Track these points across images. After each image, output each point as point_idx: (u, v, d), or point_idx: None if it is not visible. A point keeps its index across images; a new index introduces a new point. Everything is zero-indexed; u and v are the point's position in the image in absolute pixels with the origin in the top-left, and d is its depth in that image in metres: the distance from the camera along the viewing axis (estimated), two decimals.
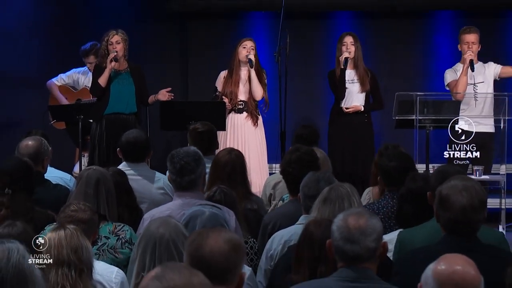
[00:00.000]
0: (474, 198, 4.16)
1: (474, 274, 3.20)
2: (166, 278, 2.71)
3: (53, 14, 11.18)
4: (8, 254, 3.17)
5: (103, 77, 8.87)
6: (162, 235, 3.91)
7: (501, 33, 10.56)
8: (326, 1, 11.14)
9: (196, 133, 7.15)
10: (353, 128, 9.39)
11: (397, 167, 5.76)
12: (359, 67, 9.42)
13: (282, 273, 4.48)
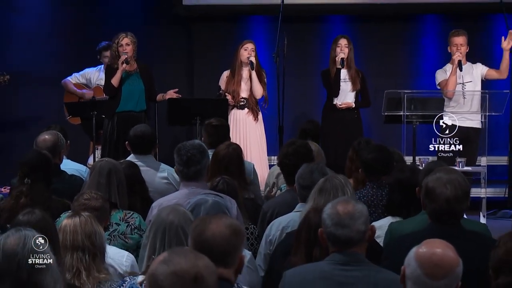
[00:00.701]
0: (458, 189, 4.17)
1: (453, 256, 3.20)
2: (173, 262, 2.71)
3: (69, 18, 11.19)
4: (24, 240, 3.17)
5: (115, 78, 8.87)
6: (172, 222, 3.91)
7: (482, 36, 10.53)
8: (321, 6, 11.12)
9: (211, 127, 7.16)
10: (344, 124, 9.42)
11: (376, 158, 5.77)
12: (351, 68, 9.44)
13: (280, 257, 4.49)
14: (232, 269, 3.29)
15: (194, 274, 2.67)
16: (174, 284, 2.67)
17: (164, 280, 2.68)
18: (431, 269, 3.17)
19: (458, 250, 3.29)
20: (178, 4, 11.13)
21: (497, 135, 9.73)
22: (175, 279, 2.67)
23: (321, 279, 3.71)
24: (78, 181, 6.26)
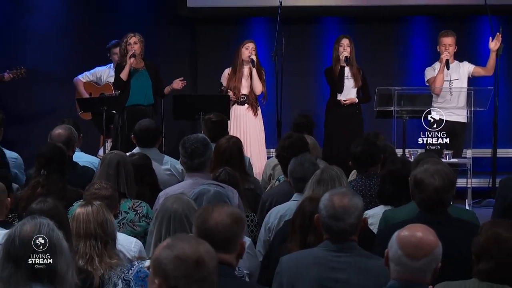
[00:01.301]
0: (444, 180, 4.18)
1: (432, 239, 3.22)
2: (177, 247, 2.72)
3: (80, 18, 11.19)
4: (39, 227, 3.19)
5: (124, 72, 8.92)
6: (176, 210, 3.91)
7: (468, 36, 10.53)
8: (317, 8, 11.10)
9: (210, 122, 7.17)
10: (347, 118, 9.43)
11: (363, 151, 5.77)
12: (353, 66, 9.45)
13: (278, 244, 4.49)
14: (233, 254, 3.30)
15: (196, 258, 2.69)
16: (178, 268, 2.68)
17: (168, 264, 2.70)
18: (411, 250, 3.18)
19: (446, 236, 3.31)
20: (183, 6, 11.11)
21: (482, 129, 9.73)
22: (178, 263, 2.69)
23: (315, 264, 3.72)
24: (90, 172, 6.27)
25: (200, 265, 2.69)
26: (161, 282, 2.72)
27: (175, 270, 2.69)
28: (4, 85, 10.02)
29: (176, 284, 2.69)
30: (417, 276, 3.19)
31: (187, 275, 2.68)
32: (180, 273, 2.69)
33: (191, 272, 2.68)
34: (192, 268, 2.69)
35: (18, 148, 9.98)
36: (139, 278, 3.79)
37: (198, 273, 2.69)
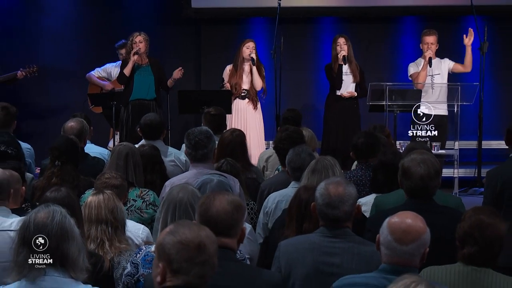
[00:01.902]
0: (430, 168, 4.19)
1: (420, 225, 3.22)
2: (179, 233, 2.74)
3: (91, 18, 11.19)
4: (52, 214, 3.18)
5: (127, 68, 9.00)
6: (181, 199, 3.91)
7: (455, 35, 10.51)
8: (313, 9, 11.11)
9: (209, 115, 7.16)
10: (345, 112, 9.40)
11: (364, 142, 5.76)
12: (352, 62, 9.43)
13: (276, 230, 4.49)
14: (235, 239, 3.31)
15: (198, 243, 2.70)
16: (180, 252, 2.70)
17: (171, 248, 2.71)
18: (400, 235, 3.18)
19: (431, 222, 3.31)
20: (188, 7, 11.11)
21: (468, 122, 9.72)
22: (180, 247, 2.70)
23: (311, 249, 3.73)
24: (100, 162, 6.28)
25: (201, 249, 2.70)
26: (165, 265, 2.73)
27: (177, 254, 2.70)
28: (21, 81, 10.04)
29: (178, 268, 2.70)
30: (406, 260, 3.19)
31: (189, 258, 2.70)
32: (182, 257, 2.70)
33: (192, 256, 2.69)
34: (194, 252, 2.70)
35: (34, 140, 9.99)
36: (147, 261, 3.79)
37: (199, 257, 2.70)
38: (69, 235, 3.18)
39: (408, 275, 2.54)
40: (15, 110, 7.08)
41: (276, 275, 3.49)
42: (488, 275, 3.48)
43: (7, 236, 4.09)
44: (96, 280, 3.45)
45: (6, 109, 6.97)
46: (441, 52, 9.41)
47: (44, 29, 11.13)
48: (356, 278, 3.28)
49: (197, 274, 2.70)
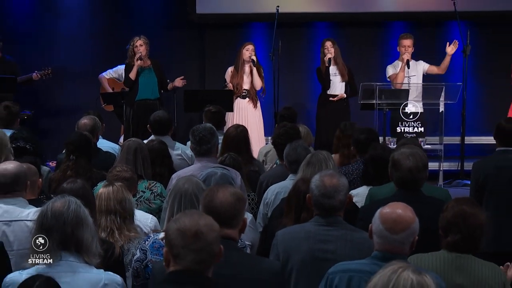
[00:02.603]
0: (418, 161, 4.19)
1: (410, 215, 3.21)
2: (179, 221, 2.75)
3: (103, 23, 11.19)
4: (68, 203, 3.22)
5: (132, 72, 9.04)
6: (187, 190, 3.90)
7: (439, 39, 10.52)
8: (309, 14, 11.10)
9: (210, 113, 7.15)
10: (336, 111, 9.39)
11: (367, 138, 5.73)
12: (339, 63, 9.44)
13: (275, 219, 4.48)
14: (236, 229, 3.29)
15: (195, 231, 2.70)
16: (177, 238, 2.71)
17: (172, 234, 2.73)
18: (391, 225, 3.18)
19: (419, 212, 3.30)
20: (193, 13, 11.11)
21: (452, 119, 9.72)
22: (178, 234, 2.71)
23: (307, 237, 3.73)
24: (111, 156, 6.27)
25: (198, 237, 2.70)
26: (167, 250, 2.75)
27: (176, 240, 2.71)
28: (38, 82, 10.04)
29: (177, 253, 2.71)
30: (396, 248, 3.19)
31: (185, 245, 2.70)
32: (179, 243, 2.71)
33: (189, 242, 2.70)
34: (190, 240, 2.70)
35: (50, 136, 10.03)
36: (154, 248, 3.79)
37: (195, 244, 2.70)
38: (83, 222, 3.21)
39: (396, 261, 2.53)
40: (17, 109, 7.05)
41: (275, 264, 3.48)
42: (470, 261, 3.49)
43: (24, 225, 4.09)
44: (108, 266, 3.45)
45: (8, 108, 6.94)
46: (427, 54, 9.42)
47: (59, 33, 11.12)
48: (350, 265, 3.28)
49: (194, 260, 2.70)
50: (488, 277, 3.45)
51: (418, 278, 2.39)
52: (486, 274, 3.46)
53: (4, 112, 6.88)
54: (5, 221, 4.13)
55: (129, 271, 3.94)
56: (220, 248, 2.77)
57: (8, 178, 4.20)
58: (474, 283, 3.44)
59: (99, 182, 5.18)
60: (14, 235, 4.12)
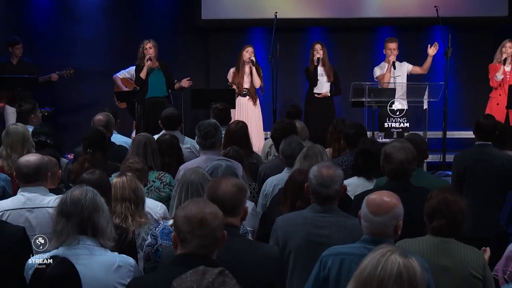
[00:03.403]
0: (408, 154, 4.20)
1: (393, 200, 3.21)
2: (186, 208, 2.76)
3: (117, 27, 11.19)
4: (85, 192, 3.25)
5: (142, 72, 9.08)
6: (193, 180, 3.91)
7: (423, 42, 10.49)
8: (304, 20, 11.11)
9: (217, 110, 7.16)
10: (321, 107, 9.41)
11: (355, 132, 5.73)
12: (326, 65, 9.45)
13: (274, 208, 4.48)
14: (238, 217, 3.28)
15: (200, 218, 2.71)
16: (184, 224, 2.72)
17: (179, 221, 2.74)
18: (373, 208, 3.18)
19: (408, 200, 3.30)
20: (198, 18, 11.13)
21: (434, 115, 9.71)
22: (184, 220, 2.72)
23: (303, 223, 3.73)
24: (124, 150, 6.26)
25: (203, 224, 2.70)
26: (176, 235, 2.76)
27: (183, 226, 2.73)
28: (59, 81, 10.05)
29: (184, 237, 2.72)
30: (380, 230, 3.18)
31: (191, 231, 2.71)
32: (186, 229, 2.72)
33: (194, 228, 2.71)
34: (195, 226, 2.70)
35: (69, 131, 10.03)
36: (164, 234, 3.79)
37: (200, 230, 2.70)
38: (99, 209, 3.23)
39: (384, 245, 2.53)
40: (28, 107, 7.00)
41: (274, 249, 3.47)
42: (454, 245, 3.50)
43: (46, 212, 4.09)
44: (121, 249, 3.45)
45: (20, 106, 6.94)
46: (412, 56, 9.43)
47: (77, 37, 11.11)
48: (342, 248, 3.28)
49: (199, 244, 2.70)
50: (470, 259, 3.46)
51: (404, 261, 2.40)
52: (468, 256, 3.46)
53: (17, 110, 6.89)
54: (28, 208, 4.14)
55: (139, 253, 3.94)
56: (224, 234, 2.76)
57: (30, 169, 4.20)
58: (458, 264, 3.45)
59: (113, 173, 5.18)
60: (36, 221, 4.12)
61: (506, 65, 8.95)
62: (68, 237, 3.18)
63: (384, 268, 2.38)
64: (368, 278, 2.40)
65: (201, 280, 2.17)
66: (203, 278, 2.17)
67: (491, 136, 5.81)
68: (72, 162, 5.99)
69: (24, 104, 6.98)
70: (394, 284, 2.36)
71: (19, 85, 9.27)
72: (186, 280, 2.19)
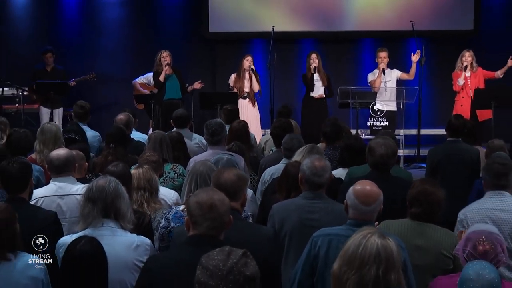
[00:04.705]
0: (389, 149, 4.20)
1: (377, 190, 3.21)
2: (198, 195, 2.77)
3: (136, 37, 11.15)
4: (109, 181, 3.27)
5: (161, 76, 9.13)
6: (202, 171, 3.91)
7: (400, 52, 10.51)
8: (298, 33, 11.08)
9: (227, 110, 7.18)
10: (316, 109, 9.37)
11: (332, 130, 5.73)
12: (320, 72, 9.43)
13: (269, 194, 4.48)
14: (239, 202, 3.28)
15: (210, 204, 2.71)
16: (196, 209, 2.72)
17: (191, 206, 2.74)
18: (363, 198, 3.17)
19: (387, 188, 3.30)
20: (206, 31, 11.12)
21: (410, 115, 9.71)
22: (196, 205, 2.72)
23: (297, 209, 3.73)
24: (142, 145, 6.25)
25: (212, 209, 2.70)
26: (188, 219, 2.76)
27: (195, 211, 2.72)
28: (85, 85, 10.10)
29: (195, 220, 2.72)
30: (367, 216, 3.18)
31: (202, 214, 2.70)
32: (197, 213, 2.71)
33: (204, 212, 2.70)
34: (206, 210, 2.70)
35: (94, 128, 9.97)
36: (176, 217, 3.79)
37: (210, 214, 2.70)
38: (120, 196, 3.24)
39: (366, 227, 2.56)
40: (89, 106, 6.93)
41: (271, 230, 3.47)
42: (429, 228, 3.51)
43: (75, 198, 4.10)
44: (140, 231, 3.46)
45: (83, 107, 6.85)
46: (392, 64, 9.42)
47: (101, 46, 11.10)
48: (331, 230, 3.27)
49: (209, 226, 2.70)
50: (443, 240, 3.47)
51: (382, 241, 2.43)
52: (441, 238, 3.47)
53: (80, 111, 6.88)
54: (59, 195, 4.14)
55: (155, 235, 3.94)
56: (230, 218, 2.77)
57: (60, 161, 4.21)
58: (430, 245, 3.45)
59: (132, 165, 5.17)
60: (66, 206, 4.12)
61: (466, 72, 8.97)
62: (94, 220, 3.19)
63: (365, 248, 2.41)
64: (351, 256, 2.42)
65: (227, 260, 2.16)
66: (229, 258, 2.17)
67: (460, 133, 5.84)
68: (97, 156, 5.99)
69: (86, 104, 6.96)
70: (374, 261, 2.39)
71: (52, 89, 9.29)
72: (213, 258, 2.18)
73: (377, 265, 2.38)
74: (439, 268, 3.38)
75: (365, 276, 2.38)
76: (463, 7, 10.93)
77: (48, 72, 9.74)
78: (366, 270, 2.38)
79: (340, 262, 2.45)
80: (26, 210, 3.63)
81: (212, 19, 11.09)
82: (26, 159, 4.37)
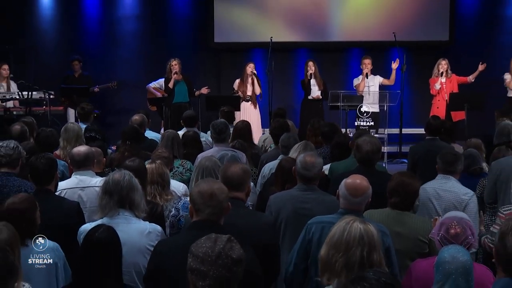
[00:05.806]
0: (374, 146, 4.19)
1: (366, 184, 3.20)
2: (199, 186, 2.76)
3: (150, 47, 11.11)
4: (123, 175, 3.26)
5: (170, 83, 9.12)
6: (207, 166, 3.90)
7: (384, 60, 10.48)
8: (294, 43, 11.06)
9: (224, 112, 7.14)
10: (313, 111, 9.33)
11: (330, 130, 5.71)
12: (317, 77, 9.46)
13: (267, 187, 4.47)
14: (243, 193, 3.27)
15: (210, 192, 2.70)
16: (198, 197, 2.71)
17: (193, 195, 2.74)
18: (353, 191, 3.16)
19: (372, 181, 3.28)
20: (212, 41, 11.10)
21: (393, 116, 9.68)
22: (198, 194, 2.71)
23: (291, 200, 3.72)
24: (154, 143, 6.24)
25: (212, 197, 2.69)
26: (192, 206, 2.75)
27: (196, 199, 2.72)
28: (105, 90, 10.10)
29: (198, 208, 2.71)
30: (355, 207, 3.17)
31: (203, 202, 2.69)
32: (199, 201, 2.71)
33: (205, 200, 2.69)
34: (207, 198, 2.69)
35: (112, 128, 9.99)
36: (185, 207, 3.78)
37: (210, 201, 2.69)
38: (134, 188, 3.22)
39: (347, 215, 2.59)
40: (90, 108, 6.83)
41: (270, 218, 3.48)
42: (407, 216, 3.51)
43: (94, 190, 4.08)
44: (153, 219, 3.44)
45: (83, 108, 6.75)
46: (376, 70, 9.43)
47: (118, 55, 11.08)
48: (324, 218, 3.26)
49: (210, 213, 2.69)
50: (419, 227, 3.45)
51: (364, 226, 2.46)
52: (418, 225, 3.47)
53: (80, 112, 6.84)
54: (80, 187, 4.13)
55: (166, 222, 3.92)
56: (228, 205, 2.76)
57: (81, 157, 4.20)
58: (408, 231, 3.44)
59: (145, 160, 5.15)
60: (87, 197, 4.11)
61: (442, 78, 9.09)
62: (110, 210, 3.17)
63: (349, 233, 2.44)
64: (337, 241, 2.45)
65: (214, 246, 2.14)
66: (216, 244, 2.15)
67: (438, 132, 5.85)
68: (114, 152, 5.96)
69: (87, 106, 6.92)
70: (358, 244, 2.42)
71: (75, 93, 9.29)
72: (202, 246, 2.16)
73: (362, 247, 2.41)
74: (416, 252, 3.38)
75: (351, 257, 2.41)
76: (440, 20, 10.96)
77: (76, 78, 9.90)
78: (352, 252, 2.41)
79: (327, 247, 2.48)
80: (52, 201, 3.65)
81: (217, 31, 11.09)
82: (52, 155, 4.35)
